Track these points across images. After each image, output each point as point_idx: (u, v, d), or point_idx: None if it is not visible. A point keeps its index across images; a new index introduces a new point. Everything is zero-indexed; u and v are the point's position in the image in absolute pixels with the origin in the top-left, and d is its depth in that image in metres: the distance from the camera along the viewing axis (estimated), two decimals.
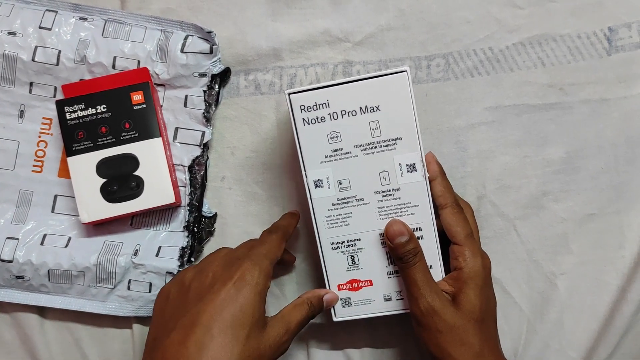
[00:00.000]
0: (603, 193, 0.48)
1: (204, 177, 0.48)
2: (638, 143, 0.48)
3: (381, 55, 0.49)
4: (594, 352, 0.46)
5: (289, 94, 0.40)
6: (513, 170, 0.48)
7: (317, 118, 0.40)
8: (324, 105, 0.40)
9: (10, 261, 0.45)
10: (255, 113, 0.49)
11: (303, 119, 0.40)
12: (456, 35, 0.48)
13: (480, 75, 0.48)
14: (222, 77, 0.48)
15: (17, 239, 0.46)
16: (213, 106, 0.48)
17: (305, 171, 0.41)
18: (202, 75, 0.47)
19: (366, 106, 0.40)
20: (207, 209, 0.48)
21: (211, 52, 0.46)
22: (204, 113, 0.47)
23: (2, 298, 0.46)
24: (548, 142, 0.48)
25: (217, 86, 0.48)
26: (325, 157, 0.40)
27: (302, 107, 0.40)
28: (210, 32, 0.46)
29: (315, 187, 0.41)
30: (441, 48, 0.48)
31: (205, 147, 0.47)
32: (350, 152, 0.40)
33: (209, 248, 0.48)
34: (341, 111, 0.40)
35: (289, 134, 0.49)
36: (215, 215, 0.48)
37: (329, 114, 0.40)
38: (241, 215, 0.48)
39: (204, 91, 0.47)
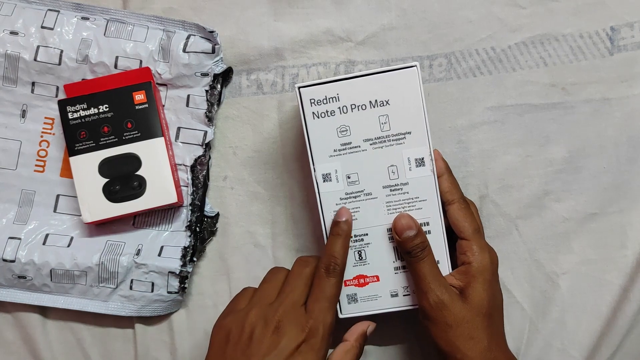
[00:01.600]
0: (605, 192, 0.48)
1: (206, 177, 0.48)
2: None
3: (383, 55, 0.49)
4: (596, 352, 0.46)
5: (299, 87, 0.40)
6: (515, 170, 0.48)
7: (326, 112, 0.40)
8: (334, 99, 0.40)
9: (13, 261, 0.45)
10: (257, 113, 0.49)
11: (313, 112, 0.40)
12: (458, 35, 0.48)
13: (482, 75, 0.48)
14: (224, 76, 0.48)
15: (20, 238, 0.46)
16: (215, 106, 0.48)
17: (313, 165, 0.41)
18: (204, 74, 0.47)
19: (376, 100, 0.40)
20: (210, 208, 0.48)
21: (213, 51, 0.46)
22: (206, 113, 0.47)
23: (4, 298, 0.46)
24: (550, 141, 0.48)
25: (219, 86, 0.48)
26: (334, 150, 0.40)
27: (312, 101, 0.40)
28: (212, 32, 0.46)
29: (324, 181, 0.41)
30: (443, 48, 0.48)
31: (208, 146, 0.47)
32: (360, 146, 0.40)
33: (211, 248, 0.48)
34: (351, 105, 0.40)
35: (291, 134, 0.49)
36: (218, 214, 0.48)
37: (339, 107, 0.40)
38: (243, 215, 0.48)
39: (206, 91, 0.47)
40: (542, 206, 0.48)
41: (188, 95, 0.47)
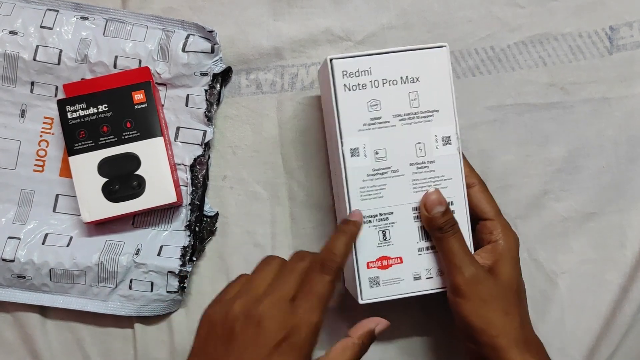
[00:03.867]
0: (604, 192, 0.48)
1: (206, 177, 0.48)
2: (639, 142, 0.48)
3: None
4: (595, 351, 0.46)
5: (332, 59, 0.40)
6: (515, 170, 0.48)
7: (358, 85, 0.40)
8: (366, 72, 0.40)
9: (12, 260, 0.45)
10: (257, 112, 0.49)
11: (344, 84, 0.40)
12: (457, 35, 0.48)
13: (481, 75, 0.48)
14: (224, 76, 0.48)
15: (19, 238, 0.46)
16: (214, 105, 0.48)
17: (341, 139, 0.40)
18: (204, 74, 0.47)
19: (407, 76, 0.40)
20: (209, 208, 0.48)
21: (212, 51, 0.46)
22: (205, 112, 0.47)
23: (4, 298, 0.46)
24: (549, 141, 0.48)
25: (218, 85, 0.48)
26: (364, 125, 0.40)
27: (345, 73, 0.40)
28: (211, 31, 0.46)
29: (352, 155, 0.40)
30: None
31: (207, 146, 0.47)
32: (389, 122, 0.40)
33: (210, 248, 0.48)
34: (382, 79, 0.40)
35: (290, 133, 0.49)
36: (217, 214, 0.48)
37: (371, 81, 0.40)
38: (242, 215, 0.48)
39: (206, 90, 0.47)
40: (542, 206, 0.48)
41: (187, 95, 0.47)
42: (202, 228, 0.47)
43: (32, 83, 0.47)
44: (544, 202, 0.48)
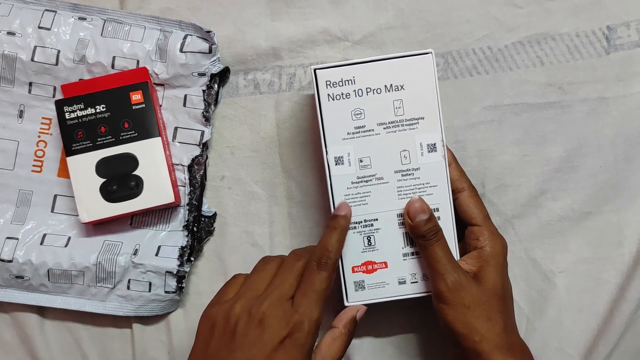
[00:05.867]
0: (602, 191, 0.48)
1: (204, 177, 0.48)
2: (637, 141, 0.48)
3: (380, 55, 0.48)
4: (593, 351, 0.46)
5: (315, 69, 0.40)
6: (512, 170, 0.48)
7: (342, 94, 0.40)
8: (350, 81, 0.40)
9: (10, 261, 0.45)
10: (255, 112, 0.49)
11: (328, 94, 0.40)
12: (455, 35, 0.48)
13: (479, 75, 0.48)
14: (222, 76, 0.48)
15: (17, 238, 0.46)
16: (212, 106, 0.48)
17: (326, 148, 0.41)
18: (202, 74, 0.47)
19: (391, 85, 0.40)
20: (207, 208, 0.48)
21: (210, 51, 0.46)
22: (203, 112, 0.47)
23: (2, 298, 0.46)
24: (547, 141, 0.48)
25: (216, 86, 0.48)
26: (348, 134, 0.41)
27: (328, 83, 0.40)
28: (209, 32, 0.46)
29: (336, 164, 0.41)
30: (440, 47, 0.48)
31: (205, 146, 0.47)
32: (373, 130, 0.40)
33: (208, 248, 0.48)
34: (366, 88, 0.40)
35: (288, 133, 0.49)
36: (215, 214, 0.48)
37: (354, 90, 0.40)
38: (241, 215, 0.48)
39: (203, 91, 0.47)
40: (539, 205, 0.48)
41: (185, 95, 0.47)
42: (200, 228, 0.48)
43: (30, 84, 0.47)
44: (542, 202, 0.48)
